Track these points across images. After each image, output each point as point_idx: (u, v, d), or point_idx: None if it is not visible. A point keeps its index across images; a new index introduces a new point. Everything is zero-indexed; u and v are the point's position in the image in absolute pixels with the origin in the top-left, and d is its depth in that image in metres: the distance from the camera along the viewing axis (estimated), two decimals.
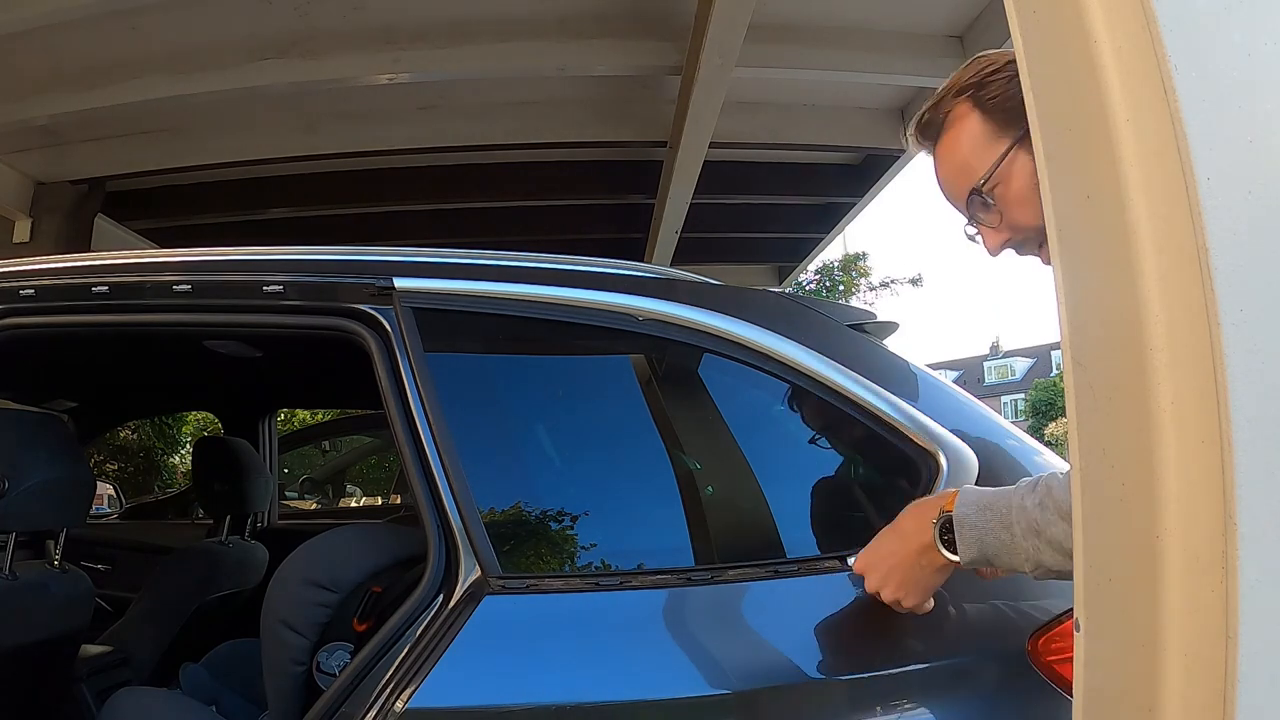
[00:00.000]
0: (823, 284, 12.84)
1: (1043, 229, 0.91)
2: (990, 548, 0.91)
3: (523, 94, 4.13)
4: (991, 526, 0.90)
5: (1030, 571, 0.90)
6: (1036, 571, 0.90)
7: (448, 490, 1.11)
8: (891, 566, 0.98)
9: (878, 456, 1.24)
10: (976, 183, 0.94)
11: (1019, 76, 0.91)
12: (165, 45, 3.55)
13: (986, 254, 0.99)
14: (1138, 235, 0.53)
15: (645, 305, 1.23)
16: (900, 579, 0.97)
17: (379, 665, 1.06)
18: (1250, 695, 0.49)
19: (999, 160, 0.92)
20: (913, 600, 0.98)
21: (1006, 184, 0.93)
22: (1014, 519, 0.89)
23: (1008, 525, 0.89)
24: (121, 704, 1.48)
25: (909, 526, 0.98)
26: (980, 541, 0.91)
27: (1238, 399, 0.50)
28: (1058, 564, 0.87)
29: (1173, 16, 0.53)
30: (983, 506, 0.92)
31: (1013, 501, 0.90)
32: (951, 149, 0.98)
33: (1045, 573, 0.90)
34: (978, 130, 0.95)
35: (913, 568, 0.97)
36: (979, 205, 0.95)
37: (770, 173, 4.96)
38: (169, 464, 7.23)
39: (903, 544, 0.98)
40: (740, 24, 3.12)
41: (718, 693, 1.07)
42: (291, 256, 1.29)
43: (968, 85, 0.97)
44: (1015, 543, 0.89)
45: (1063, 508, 0.86)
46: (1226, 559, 0.50)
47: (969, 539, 0.91)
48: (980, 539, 0.91)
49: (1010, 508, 0.90)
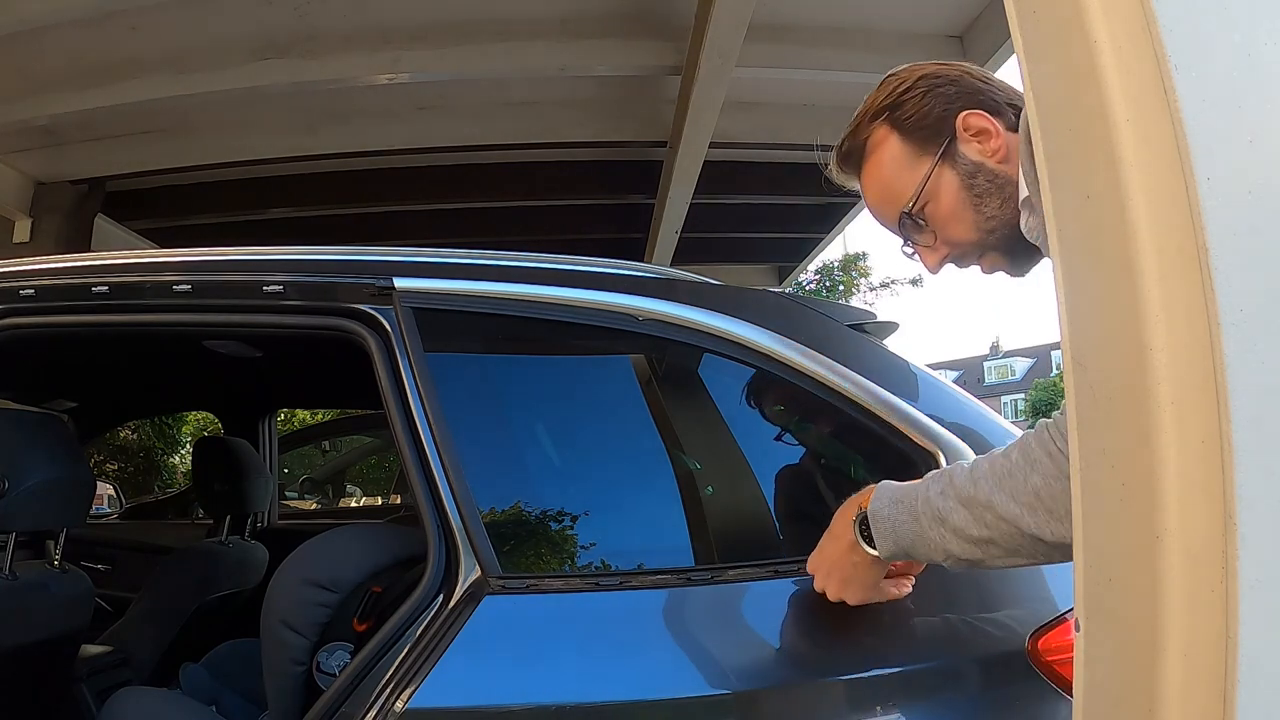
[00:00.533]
0: (823, 284, 12.83)
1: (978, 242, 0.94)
2: (904, 540, 0.92)
3: (523, 94, 4.13)
4: (903, 519, 0.91)
5: (943, 561, 0.91)
6: (949, 561, 0.91)
7: (448, 490, 1.11)
8: (831, 566, 0.99)
9: (878, 456, 1.24)
10: (905, 206, 0.94)
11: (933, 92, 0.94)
12: (165, 45, 3.55)
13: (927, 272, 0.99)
14: (1138, 235, 0.53)
15: (645, 305, 1.23)
16: (839, 577, 0.98)
17: (379, 665, 1.06)
18: (1250, 695, 0.49)
19: (924, 180, 0.93)
20: (856, 596, 0.98)
21: (936, 202, 0.93)
22: (920, 510, 0.90)
23: (916, 517, 0.90)
24: (121, 704, 1.48)
25: (837, 528, 0.99)
26: (895, 534, 0.92)
27: (1238, 399, 0.50)
28: (966, 553, 0.88)
29: (1173, 16, 0.53)
30: (895, 500, 0.93)
31: (919, 493, 0.91)
32: (875, 174, 0.98)
33: (957, 562, 0.90)
34: (899, 152, 0.95)
35: (847, 565, 0.98)
36: (911, 227, 0.95)
37: (770, 173, 4.95)
38: (169, 464, 7.23)
39: (834, 544, 0.99)
40: (740, 24, 3.12)
41: (718, 693, 1.07)
42: (291, 256, 1.29)
43: (883, 108, 0.96)
44: (924, 533, 0.90)
45: (961, 494, 0.87)
46: (1226, 559, 0.50)
47: (884, 532, 0.93)
48: (894, 531, 0.92)
49: (918, 499, 0.91)
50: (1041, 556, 0.85)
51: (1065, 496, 0.75)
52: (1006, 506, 0.83)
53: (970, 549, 0.87)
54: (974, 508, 0.86)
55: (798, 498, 1.29)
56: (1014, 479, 0.83)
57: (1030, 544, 0.83)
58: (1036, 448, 0.83)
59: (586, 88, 4.11)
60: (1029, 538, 0.83)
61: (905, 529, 0.91)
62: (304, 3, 3.41)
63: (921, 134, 0.93)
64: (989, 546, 0.86)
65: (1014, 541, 0.84)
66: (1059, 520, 0.80)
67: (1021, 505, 0.82)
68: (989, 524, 0.85)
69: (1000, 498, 0.84)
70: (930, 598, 1.08)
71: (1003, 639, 1.09)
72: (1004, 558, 0.87)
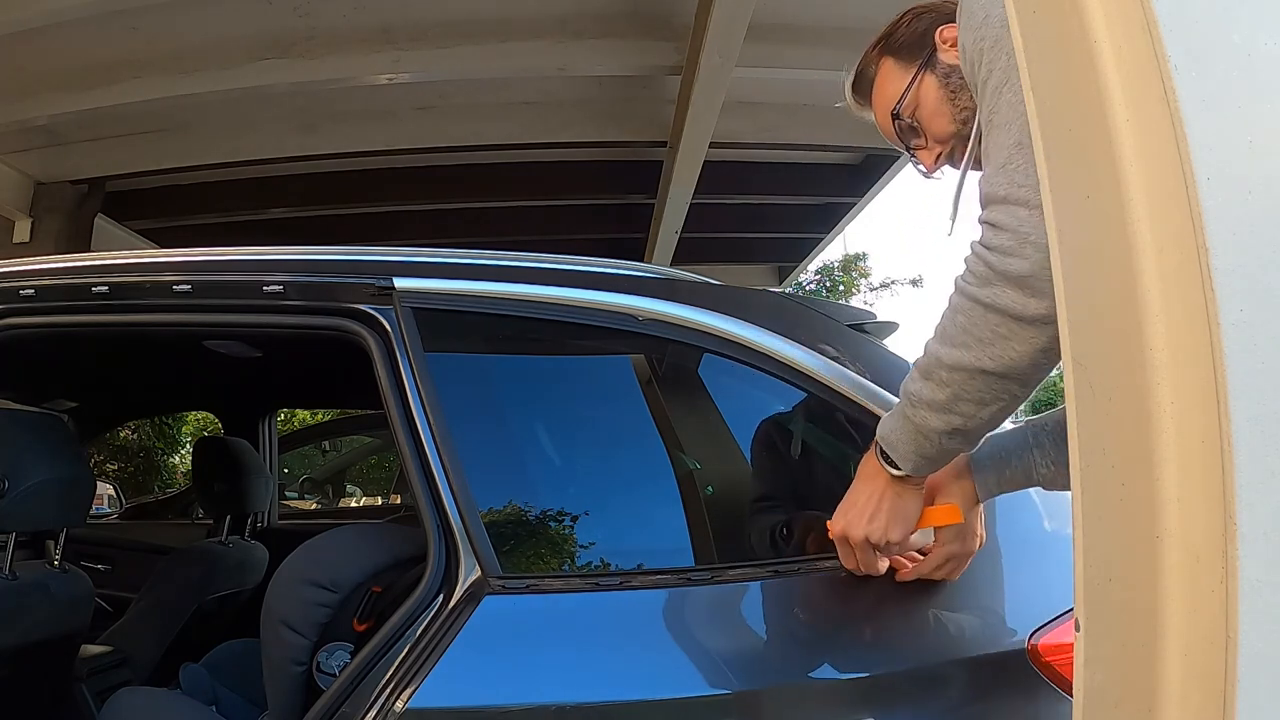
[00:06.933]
0: (823, 284, 12.82)
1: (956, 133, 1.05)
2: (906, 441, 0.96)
3: (523, 94, 4.13)
4: (898, 425, 0.96)
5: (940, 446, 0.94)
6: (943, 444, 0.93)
7: (448, 490, 1.11)
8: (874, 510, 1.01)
9: None
10: (895, 107, 1.09)
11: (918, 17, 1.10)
12: (165, 45, 3.55)
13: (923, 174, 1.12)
14: (1138, 235, 0.53)
15: (645, 305, 1.23)
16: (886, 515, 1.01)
17: (379, 665, 1.06)
18: (1250, 695, 0.49)
19: (909, 83, 1.08)
20: (899, 531, 1.01)
21: (921, 105, 1.08)
22: (901, 407, 0.95)
23: (902, 415, 0.95)
24: (121, 704, 1.48)
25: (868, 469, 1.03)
26: (899, 443, 0.97)
27: (1238, 399, 0.50)
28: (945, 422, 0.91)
29: (1173, 16, 0.53)
30: (888, 416, 0.99)
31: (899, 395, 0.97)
32: (879, 95, 1.14)
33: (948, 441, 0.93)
34: (892, 70, 1.11)
35: (890, 498, 1.01)
36: (907, 131, 1.10)
37: (770, 173, 4.96)
38: (169, 464, 7.22)
39: (870, 484, 1.02)
40: (740, 24, 3.12)
41: (718, 693, 1.07)
42: (291, 256, 1.29)
43: (880, 39, 1.14)
44: (911, 423, 0.94)
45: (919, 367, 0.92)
46: (1226, 559, 0.49)
47: (893, 444, 0.97)
48: (900, 440, 0.96)
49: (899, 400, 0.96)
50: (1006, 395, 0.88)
51: (985, 321, 0.84)
52: (950, 354, 0.87)
53: (947, 417, 0.90)
54: (930, 373, 0.90)
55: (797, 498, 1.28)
56: (945, 329, 0.89)
57: (985, 383, 0.87)
58: (953, 293, 0.88)
59: (586, 88, 4.10)
60: (980, 375, 0.86)
61: (902, 431, 0.96)
62: (304, 3, 3.41)
63: (908, 51, 1.10)
64: (958, 405, 0.89)
65: (972, 388, 0.88)
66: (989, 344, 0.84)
67: (958, 347, 0.87)
68: (945, 380, 0.89)
69: (943, 350, 0.88)
70: (931, 597, 1.08)
71: (1003, 639, 1.09)
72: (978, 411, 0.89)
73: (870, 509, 1.01)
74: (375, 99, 4.03)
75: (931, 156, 1.10)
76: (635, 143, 4.45)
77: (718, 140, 4.03)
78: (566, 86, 4.08)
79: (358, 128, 4.27)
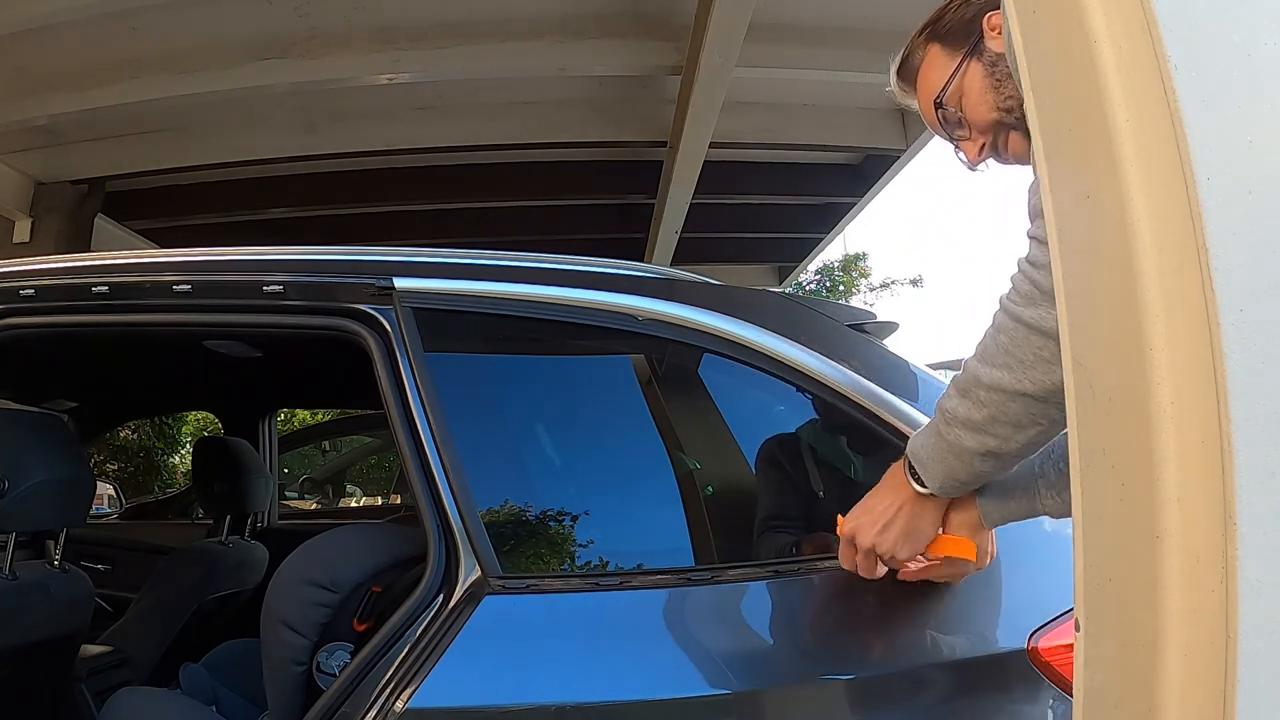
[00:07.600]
0: (823, 284, 12.81)
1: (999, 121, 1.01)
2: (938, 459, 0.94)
3: (522, 94, 4.13)
4: (930, 442, 0.95)
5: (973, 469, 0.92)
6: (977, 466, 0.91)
7: (448, 490, 1.11)
8: (890, 519, 1.00)
9: (878, 456, 1.24)
10: (938, 96, 1.05)
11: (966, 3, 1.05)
12: (165, 45, 3.55)
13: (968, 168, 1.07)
14: (1138, 235, 0.53)
15: (645, 305, 1.23)
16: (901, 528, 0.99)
17: (379, 665, 1.06)
18: (1250, 695, 0.49)
19: (953, 73, 1.04)
20: (908, 550, 1.00)
21: (966, 93, 1.04)
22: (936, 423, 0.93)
23: (936, 431, 0.93)
24: (121, 704, 1.48)
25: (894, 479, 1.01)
26: (930, 461, 0.95)
27: (1237, 399, 0.50)
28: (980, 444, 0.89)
29: (1173, 16, 0.53)
30: (921, 432, 0.97)
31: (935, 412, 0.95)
32: (923, 82, 1.10)
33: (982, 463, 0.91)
34: (938, 57, 1.08)
35: (909, 513, 0.99)
36: (952, 122, 1.06)
37: (770, 173, 4.96)
38: (169, 464, 7.22)
39: (894, 494, 1.00)
40: (740, 24, 3.12)
41: (718, 693, 1.07)
42: (291, 256, 1.29)
43: (926, 25, 1.10)
44: (945, 441, 0.92)
45: (957, 386, 0.90)
46: (1226, 559, 0.49)
47: (923, 461, 0.95)
48: (929, 459, 0.95)
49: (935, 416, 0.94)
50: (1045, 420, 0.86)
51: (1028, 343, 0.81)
52: (989, 374, 0.85)
53: (982, 438, 0.88)
54: (967, 391, 0.88)
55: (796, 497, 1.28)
56: (986, 348, 0.86)
57: (1023, 406, 0.84)
58: (998, 310, 0.86)
59: (586, 88, 4.10)
60: (1019, 398, 0.84)
61: (934, 449, 0.94)
62: (304, 3, 3.41)
63: (955, 38, 1.06)
64: (995, 427, 0.87)
65: (1010, 410, 0.85)
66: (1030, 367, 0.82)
67: (998, 367, 0.85)
68: (982, 400, 0.87)
69: (982, 370, 0.86)
70: (931, 598, 1.08)
71: (1003, 639, 1.09)
72: (1014, 434, 0.87)
73: (885, 519, 1.00)
74: (375, 99, 4.03)
75: (975, 148, 1.06)
76: (635, 143, 4.45)
77: (718, 140, 4.03)
78: (566, 86, 4.08)
79: (358, 128, 4.27)
